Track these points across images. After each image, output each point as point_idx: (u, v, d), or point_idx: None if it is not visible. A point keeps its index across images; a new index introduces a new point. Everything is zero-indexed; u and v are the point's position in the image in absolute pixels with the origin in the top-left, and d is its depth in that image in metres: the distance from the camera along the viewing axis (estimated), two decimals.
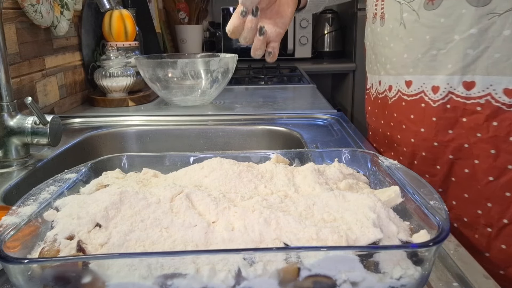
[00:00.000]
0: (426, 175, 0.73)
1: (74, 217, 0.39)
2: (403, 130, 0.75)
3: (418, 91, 0.70)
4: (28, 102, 0.76)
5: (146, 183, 0.51)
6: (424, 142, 0.71)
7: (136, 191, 0.43)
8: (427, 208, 0.40)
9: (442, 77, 0.66)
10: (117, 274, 0.34)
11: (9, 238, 0.36)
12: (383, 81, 0.78)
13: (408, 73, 0.70)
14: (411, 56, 0.69)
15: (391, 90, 0.76)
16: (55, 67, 1.20)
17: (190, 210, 0.40)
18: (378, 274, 0.35)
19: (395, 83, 0.74)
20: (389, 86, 0.76)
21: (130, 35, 1.45)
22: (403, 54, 0.70)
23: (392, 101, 0.76)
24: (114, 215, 0.40)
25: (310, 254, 0.34)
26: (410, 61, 0.69)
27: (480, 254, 0.68)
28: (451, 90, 0.65)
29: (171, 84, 1.24)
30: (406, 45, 0.69)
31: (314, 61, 2.66)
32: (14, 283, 0.35)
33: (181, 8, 2.35)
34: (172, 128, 1.13)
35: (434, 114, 0.68)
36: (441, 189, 0.72)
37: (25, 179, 0.77)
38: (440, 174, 0.71)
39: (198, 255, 0.35)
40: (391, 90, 0.76)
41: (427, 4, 0.65)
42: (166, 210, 0.41)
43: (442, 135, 0.68)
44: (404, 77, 0.72)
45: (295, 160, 0.59)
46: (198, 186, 0.48)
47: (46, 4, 1.07)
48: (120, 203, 0.41)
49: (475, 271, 0.45)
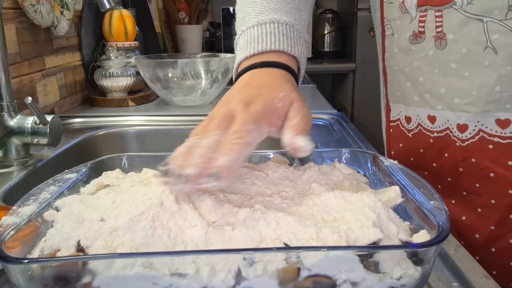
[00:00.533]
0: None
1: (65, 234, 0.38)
2: (490, 180, 0.60)
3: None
4: (28, 102, 0.76)
5: (146, 183, 0.51)
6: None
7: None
8: (427, 208, 0.40)
9: None
10: (116, 274, 0.34)
11: (9, 238, 0.36)
12: (440, 118, 0.62)
13: (504, 109, 0.56)
14: (510, 89, 0.55)
15: (465, 131, 0.60)
16: (55, 67, 1.20)
17: (191, 210, 0.40)
18: (378, 274, 0.34)
19: (475, 121, 0.59)
20: (458, 124, 0.60)
21: (130, 35, 1.45)
22: (495, 87, 0.55)
23: (468, 143, 0.60)
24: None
25: (310, 254, 0.34)
26: (508, 95, 0.55)
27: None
28: None
29: (171, 84, 1.24)
30: (500, 75, 0.54)
31: (314, 61, 2.66)
32: (14, 283, 0.35)
33: (181, 8, 2.35)
34: (172, 128, 1.13)
35: None
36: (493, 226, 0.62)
37: (25, 179, 0.77)
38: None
39: (198, 255, 0.35)
40: (465, 130, 0.60)
41: None
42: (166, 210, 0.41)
43: None
44: (495, 115, 0.57)
45: (295, 160, 0.59)
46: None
47: (46, 4, 1.07)
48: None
49: (475, 271, 0.45)
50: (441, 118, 0.62)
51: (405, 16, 0.62)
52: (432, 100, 0.62)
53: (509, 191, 0.59)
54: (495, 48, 0.54)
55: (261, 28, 0.54)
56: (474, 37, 0.55)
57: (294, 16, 0.57)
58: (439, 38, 0.58)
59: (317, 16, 2.77)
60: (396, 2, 0.63)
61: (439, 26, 0.57)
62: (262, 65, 0.52)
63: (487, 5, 0.53)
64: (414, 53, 0.63)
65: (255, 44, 0.54)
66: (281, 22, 0.55)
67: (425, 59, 0.61)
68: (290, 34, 0.55)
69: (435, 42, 0.59)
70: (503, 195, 0.60)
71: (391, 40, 0.67)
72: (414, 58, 0.63)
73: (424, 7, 0.59)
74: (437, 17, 0.57)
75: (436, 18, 0.58)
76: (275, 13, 0.56)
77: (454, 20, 0.56)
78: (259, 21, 0.55)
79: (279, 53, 0.53)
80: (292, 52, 0.53)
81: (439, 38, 0.58)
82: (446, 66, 0.59)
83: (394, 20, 0.65)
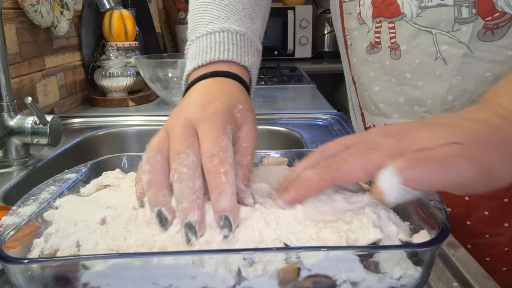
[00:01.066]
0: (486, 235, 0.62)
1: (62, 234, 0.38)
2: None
3: None
4: (28, 102, 0.76)
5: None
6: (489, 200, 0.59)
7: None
8: (427, 208, 0.40)
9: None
10: (117, 273, 0.34)
11: (9, 238, 0.36)
12: None
13: None
14: (461, 98, 0.55)
15: None
16: (55, 67, 1.20)
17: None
18: (378, 274, 0.35)
19: None
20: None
21: (130, 35, 1.45)
22: (447, 96, 0.56)
23: None
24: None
25: (310, 254, 0.34)
26: (460, 104, 0.56)
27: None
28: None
29: (171, 84, 1.24)
30: (451, 85, 0.55)
31: (314, 61, 2.66)
32: (14, 283, 0.35)
33: (181, 8, 2.35)
34: None
35: None
36: (507, 248, 0.61)
37: (25, 179, 0.77)
38: (508, 232, 0.61)
39: (198, 255, 0.35)
40: None
41: (483, 34, 0.51)
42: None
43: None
44: None
45: (295, 160, 0.59)
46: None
47: (46, 4, 1.07)
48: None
49: (475, 271, 0.45)
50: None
51: (362, 27, 0.62)
52: (387, 109, 0.63)
53: (465, 198, 0.60)
54: (445, 58, 0.54)
55: (211, 38, 0.52)
56: (424, 48, 0.56)
57: (245, 25, 0.55)
58: (393, 48, 0.59)
59: (317, 16, 2.77)
60: (354, 13, 0.63)
61: (393, 37, 0.58)
62: (212, 75, 0.49)
63: (434, 18, 0.54)
64: (371, 63, 0.63)
65: (204, 54, 0.51)
66: (231, 31, 0.53)
67: (382, 69, 0.61)
68: (240, 43, 0.53)
69: (390, 52, 0.59)
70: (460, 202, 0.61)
71: (351, 50, 0.67)
72: (370, 68, 0.63)
73: (379, 18, 0.59)
74: (390, 28, 0.58)
75: (390, 29, 0.58)
76: (225, 22, 0.54)
77: (405, 31, 0.57)
78: (209, 30, 0.53)
79: (229, 63, 0.51)
80: (242, 61, 0.51)
81: (394, 49, 0.59)
82: (401, 76, 0.59)
83: (352, 30, 0.65)
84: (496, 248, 0.62)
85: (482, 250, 0.63)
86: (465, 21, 0.52)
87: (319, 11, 2.81)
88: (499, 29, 0.51)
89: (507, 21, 0.51)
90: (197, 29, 0.54)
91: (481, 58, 0.53)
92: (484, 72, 0.53)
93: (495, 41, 0.51)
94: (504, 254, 0.62)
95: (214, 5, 0.56)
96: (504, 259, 0.62)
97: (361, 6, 0.61)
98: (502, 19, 0.51)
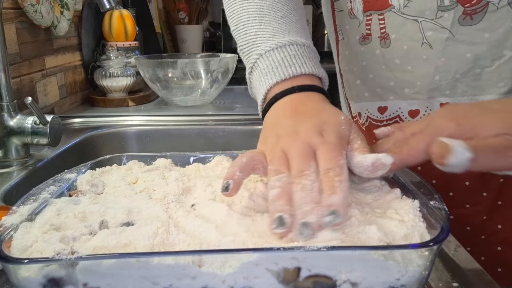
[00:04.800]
0: (466, 205, 0.67)
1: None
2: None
3: None
4: (28, 102, 0.76)
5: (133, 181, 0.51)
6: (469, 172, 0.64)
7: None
8: (427, 208, 0.40)
9: (492, 96, 0.59)
10: (117, 273, 0.34)
11: (9, 238, 0.36)
12: (392, 107, 0.68)
13: (445, 95, 0.62)
14: (446, 77, 0.61)
15: (416, 116, 0.66)
16: (55, 67, 1.20)
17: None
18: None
19: (424, 107, 0.65)
20: (409, 111, 0.66)
21: (130, 35, 1.45)
22: (434, 76, 0.62)
23: None
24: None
25: (310, 254, 0.34)
26: (446, 83, 0.61)
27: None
28: None
29: (171, 84, 1.25)
30: (437, 66, 0.61)
31: None
32: (14, 283, 0.35)
33: (181, 8, 2.35)
34: (172, 128, 1.13)
35: None
36: (485, 216, 0.66)
37: (25, 179, 0.77)
38: (486, 201, 0.65)
39: (198, 255, 0.35)
40: (416, 115, 0.66)
41: (463, 19, 0.57)
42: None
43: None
44: (438, 100, 0.63)
45: None
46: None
47: (46, 4, 1.07)
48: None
49: (475, 271, 0.45)
50: (393, 107, 0.68)
51: (354, 21, 0.67)
52: (384, 92, 0.68)
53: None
54: (430, 43, 0.60)
55: (283, 51, 0.53)
56: (412, 35, 0.61)
57: (305, 36, 0.56)
58: (383, 38, 0.64)
59: (317, 16, 2.77)
60: (346, 10, 0.69)
61: (383, 28, 0.63)
62: (300, 89, 0.50)
63: (420, 7, 0.59)
64: (363, 54, 0.68)
65: (282, 68, 0.52)
66: (299, 43, 0.54)
67: (373, 58, 0.66)
68: (309, 55, 0.54)
69: (380, 42, 0.65)
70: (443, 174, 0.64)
71: (342, 44, 0.72)
72: (362, 58, 0.68)
73: (369, 11, 0.65)
74: (380, 20, 0.63)
75: (380, 21, 0.63)
76: (288, 35, 0.54)
77: (394, 21, 0.62)
78: (278, 43, 0.53)
79: (309, 76, 0.52)
80: (318, 73, 0.53)
81: (384, 38, 0.64)
82: (391, 62, 0.64)
83: (344, 25, 0.70)
84: (475, 217, 0.66)
85: (463, 219, 0.67)
86: (447, 9, 0.58)
87: (319, 11, 2.81)
88: (476, 14, 0.56)
89: (483, 7, 0.56)
90: (260, 42, 0.54)
91: (462, 40, 0.58)
92: (465, 53, 0.59)
93: (473, 25, 0.57)
94: (483, 222, 0.66)
95: (270, 17, 0.56)
96: (483, 228, 0.66)
97: (352, 2, 0.67)
98: (479, 5, 0.56)
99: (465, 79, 0.60)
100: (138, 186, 0.48)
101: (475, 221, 0.67)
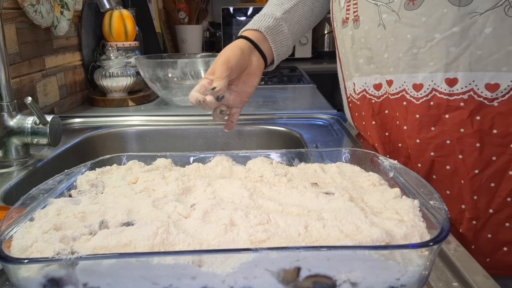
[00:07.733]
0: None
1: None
2: (396, 126, 0.76)
3: (399, 90, 0.71)
4: (28, 102, 0.76)
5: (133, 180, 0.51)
6: (408, 140, 0.73)
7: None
8: (427, 208, 0.40)
9: (424, 75, 0.67)
10: (117, 273, 0.34)
11: (9, 238, 0.36)
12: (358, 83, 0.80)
13: (389, 72, 0.71)
14: (392, 55, 0.70)
15: (380, 89, 0.76)
16: (55, 67, 1.20)
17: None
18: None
19: (384, 82, 0.74)
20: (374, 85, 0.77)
21: (130, 35, 1.45)
22: (384, 54, 0.71)
23: (382, 99, 0.77)
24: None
25: (310, 254, 0.34)
26: (391, 60, 0.70)
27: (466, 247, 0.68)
28: (435, 87, 0.67)
29: (171, 84, 1.24)
30: (387, 45, 0.70)
31: (314, 61, 2.66)
32: (14, 283, 0.35)
33: (181, 8, 2.35)
34: (172, 128, 1.13)
35: (418, 111, 0.69)
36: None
37: (25, 179, 0.77)
38: (420, 172, 0.71)
39: (198, 255, 0.35)
40: (380, 89, 0.76)
41: (407, 4, 0.66)
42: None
43: (425, 132, 0.70)
44: (385, 77, 0.73)
45: (294, 159, 0.59)
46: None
47: (46, 4, 1.07)
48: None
49: (475, 271, 0.45)
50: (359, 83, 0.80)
51: (339, 8, 0.80)
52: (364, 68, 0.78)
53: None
54: (384, 24, 0.70)
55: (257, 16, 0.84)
56: (373, 17, 0.71)
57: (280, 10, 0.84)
58: (355, 20, 0.75)
59: None
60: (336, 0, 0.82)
61: (356, 11, 0.75)
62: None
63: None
64: (345, 37, 0.80)
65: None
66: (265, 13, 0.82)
67: (350, 39, 0.78)
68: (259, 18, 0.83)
69: (353, 24, 0.76)
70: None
71: (336, 30, 0.85)
72: (345, 40, 0.80)
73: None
74: (354, 4, 0.75)
75: (353, 5, 0.75)
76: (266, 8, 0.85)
77: (362, 5, 0.73)
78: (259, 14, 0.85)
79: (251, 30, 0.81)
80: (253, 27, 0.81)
81: (356, 21, 0.75)
82: (359, 42, 0.76)
83: (336, 13, 0.83)
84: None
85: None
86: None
87: None
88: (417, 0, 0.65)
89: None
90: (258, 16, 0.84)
91: (406, 23, 0.67)
92: (407, 34, 0.67)
93: (414, 9, 0.66)
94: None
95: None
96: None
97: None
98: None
99: (405, 58, 0.68)
100: (138, 186, 0.48)
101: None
